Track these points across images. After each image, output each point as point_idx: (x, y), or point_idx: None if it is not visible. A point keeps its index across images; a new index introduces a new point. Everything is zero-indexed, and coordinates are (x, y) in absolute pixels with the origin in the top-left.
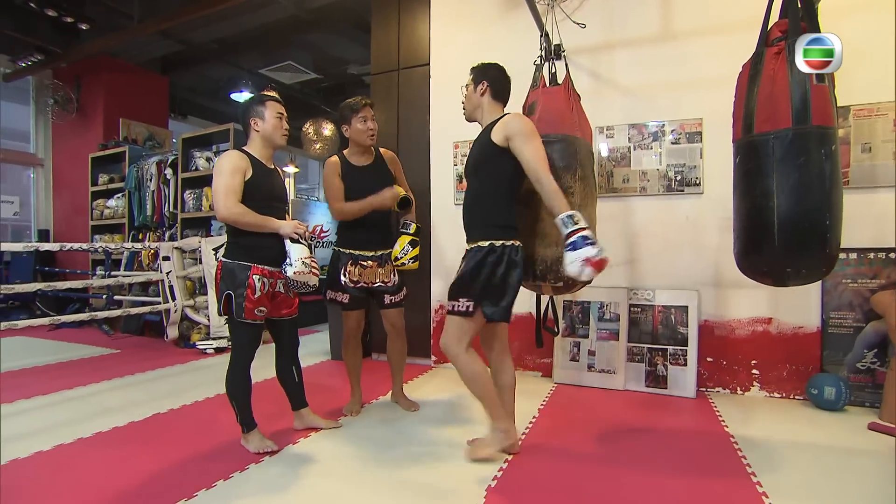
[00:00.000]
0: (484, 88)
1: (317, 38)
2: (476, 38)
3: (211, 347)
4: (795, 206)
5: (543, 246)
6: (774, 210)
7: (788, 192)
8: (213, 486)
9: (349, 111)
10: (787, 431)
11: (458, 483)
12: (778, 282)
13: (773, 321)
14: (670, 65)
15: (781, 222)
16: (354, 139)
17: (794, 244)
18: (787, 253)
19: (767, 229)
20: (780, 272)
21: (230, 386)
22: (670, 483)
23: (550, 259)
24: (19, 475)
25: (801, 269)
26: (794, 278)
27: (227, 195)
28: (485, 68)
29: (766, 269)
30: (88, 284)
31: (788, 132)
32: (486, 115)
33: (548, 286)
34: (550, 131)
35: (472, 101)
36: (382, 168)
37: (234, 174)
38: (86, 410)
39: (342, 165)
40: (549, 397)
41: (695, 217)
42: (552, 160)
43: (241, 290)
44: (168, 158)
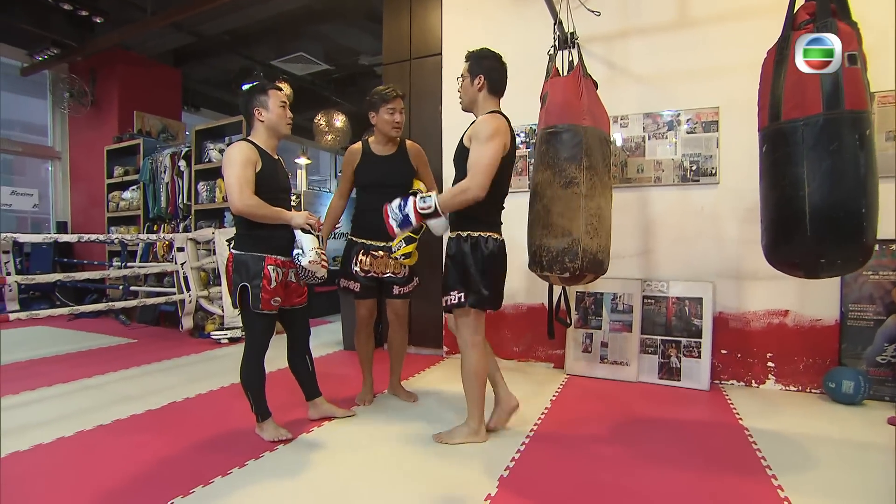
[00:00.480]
0: (481, 83)
1: (328, 28)
2: (488, 27)
3: (225, 337)
4: (829, 195)
5: (549, 237)
6: (806, 199)
7: (821, 180)
8: (229, 473)
9: (379, 99)
10: (803, 425)
11: (471, 473)
12: (810, 274)
13: (790, 313)
14: (686, 52)
15: (814, 212)
16: (380, 128)
17: (828, 234)
18: (820, 243)
19: (798, 220)
20: (812, 263)
21: (244, 375)
22: (684, 475)
23: (556, 250)
24: (44, 460)
25: (836, 260)
26: (828, 270)
27: (242, 188)
28: (480, 58)
29: (798, 260)
30: (105, 275)
31: (819, 118)
32: (481, 110)
33: (554, 276)
34: (555, 122)
35: (468, 94)
36: (403, 159)
37: (247, 166)
38: (104, 398)
39: (363, 153)
40: (561, 389)
41: (710, 208)
42: (556, 151)
43: (258, 282)
44: (181, 150)
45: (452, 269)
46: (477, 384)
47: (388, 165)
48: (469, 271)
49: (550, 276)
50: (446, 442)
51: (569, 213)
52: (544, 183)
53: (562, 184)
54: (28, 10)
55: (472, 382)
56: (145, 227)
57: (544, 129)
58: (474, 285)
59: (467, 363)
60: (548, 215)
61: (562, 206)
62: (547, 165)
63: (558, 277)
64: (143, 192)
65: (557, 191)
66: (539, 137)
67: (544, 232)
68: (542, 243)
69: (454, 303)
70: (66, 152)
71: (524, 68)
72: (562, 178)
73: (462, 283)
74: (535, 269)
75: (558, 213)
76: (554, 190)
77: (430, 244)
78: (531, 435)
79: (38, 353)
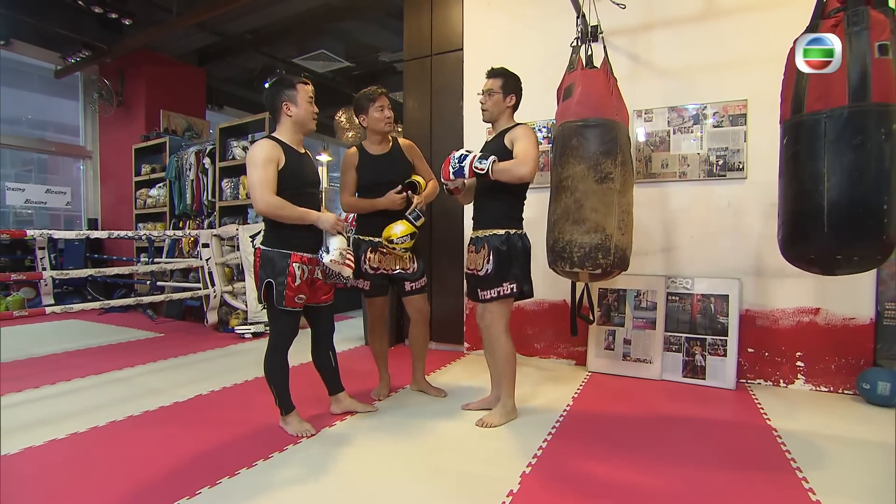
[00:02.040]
0: (512, 102)
1: (349, 26)
2: (510, 22)
3: (249, 332)
4: (848, 190)
5: (581, 233)
6: (824, 194)
7: (841, 174)
8: (254, 465)
9: (366, 101)
10: (835, 427)
11: (493, 469)
12: (826, 271)
13: (821, 311)
14: (712, 44)
15: (832, 207)
16: (372, 128)
17: (845, 230)
18: (837, 240)
19: (816, 215)
20: (828, 260)
21: (269, 370)
22: (711, 476)
23: (589, 245)
24: (77, 449)
25: (853, 257)
26: (844, 267)
27: (263, 188)
28: (512, 80)
29: (814, 256)
30: (134, 271)
31: (843, 111)
32: (503, 122)
33: (585, 273)
34: (590, 115)
35: (498, 107)
36: (399, 157)
37: (268, 165)
38: (133, 391)
39: (360, 156)
40: (584, 386)
41: (737, 203)
42: (590, 145)
43: (282, 279)
44: (206, 148)
45: (505, 262)
46: (513, 365)
47: (386, 164)
48: (519, 265)
49: (581, 272)
50: (489, 425)
51: (603, 209)
52: (577, 177)
53: (597, 178)
54: (62, 15)
55: (507, 365)
56: (171, 223)
57: (576, 122)
58: (523, 277)
59: (503, 348)
60: (580, 210)
61: (596, 201)
62: (580, 159)
63: (589, 274)
64: (169, 189)
65: (592, 185)
66: (567, 130)
67: (575, 227)
68: (573, 239)
69: (506, 293)
70: (96, 151)
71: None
72: (597, 172)
73: (513, 276)
74: (563, 266)
75: (592, 208)
76: (588, 184)
77: (448, 241)
78: (553, 432)
79: (73, 346)
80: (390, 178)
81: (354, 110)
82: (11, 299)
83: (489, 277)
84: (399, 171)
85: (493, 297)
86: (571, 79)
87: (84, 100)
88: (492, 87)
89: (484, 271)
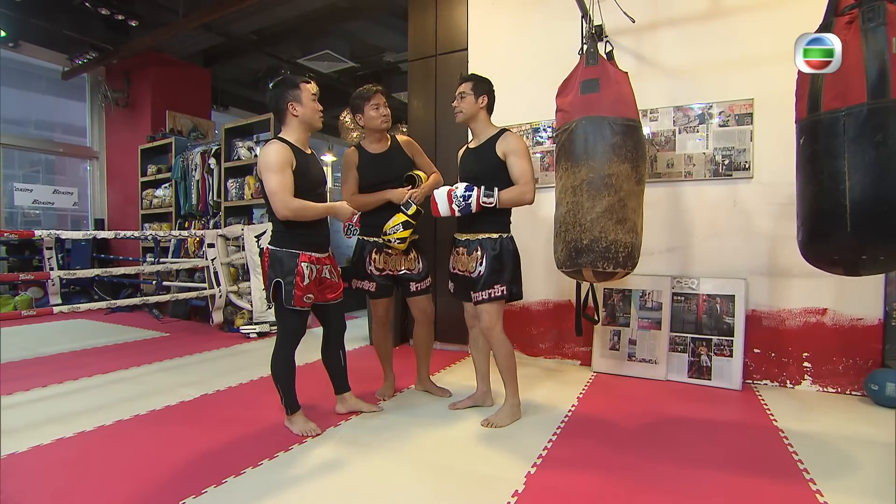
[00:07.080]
0: (484, 102)
1: (354, 26)
2: (514, 22)
3: (254, 332)
4: (872, 188)
5: (624, 232)
6: (846, 193)
7: (863, 173)
8: (260, 464)
9: (361, 100)
10: (843, 428)
11: (498, 469)
12: (850, 271)
13: (829, 312)
14: (718, 43)
15: (854, 206)
16: (369, 126)
17: (871, 230)
18: (861, 240)
19: (837, 214)
20: (852, 260)
21: (275, 369)
22: (717, 477)
23: (631, 245)
24: (85, 447)
25: (879, 257)
26: (869, 267)
27: (285, 193)
28: (482, 81)
29: (837, 257)
30: (140, 270)
31: (863, 108)
32: (482, 124)
33: (590, 272)
34: (632, 116)
35: (471, 109)
36: (399, 154)
37: (285, 169)
38: (140, 390)
39: (359, 155)
40: (588, 386)
41: (743, 203)
42: (633, 146)
43: (290, 278)
44: (211, 148)
45: (496, 265)
46: (513, 363)
47: (385, 162)
48: (510, 267)
49: (585, 271)
50: (495, 425)
51: (639, 210)
52: (622, 176)
53: (637, 179)
54: (69, 16)
55: (508, 362)
56: (177, 223)
57: (618, 119)
58: (514, 279)
59: (503, 348)
60: (623, 210)
61: (635, 203)
62: (625, 158)
63: (594, 273)
64: (174, 189)
65: (633, 186)
66: (602, 126)
67: (619, 227)
68: (618, 238)
69: (497, 296)
70: (102, 152)
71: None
72: (637, 173)
73: (504, 279)
74: (607, 266)
75: (633, 209)
76: (630, 185)
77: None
78: (558, 432)
79: (80, 346)
80: (391, 176)
81: (351, 110)
82: (20, 299)
83: (482, 279)
84: (399, 168)
85: (485, 299)
86: (594, 73)
87: (91, 101)
88: (463, 90)
89: (476, 273)
